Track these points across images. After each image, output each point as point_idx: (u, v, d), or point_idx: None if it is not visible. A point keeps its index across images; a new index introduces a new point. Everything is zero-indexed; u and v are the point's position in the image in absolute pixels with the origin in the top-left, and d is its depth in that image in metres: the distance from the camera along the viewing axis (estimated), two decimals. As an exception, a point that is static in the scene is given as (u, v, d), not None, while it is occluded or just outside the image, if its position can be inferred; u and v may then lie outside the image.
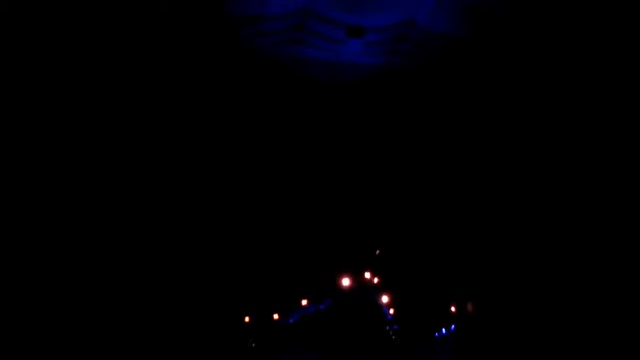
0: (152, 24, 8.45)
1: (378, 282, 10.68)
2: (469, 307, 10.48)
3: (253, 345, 10.66)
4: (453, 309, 10.76)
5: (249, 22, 8.71)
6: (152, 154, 9.48)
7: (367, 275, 10.65)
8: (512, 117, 9.35)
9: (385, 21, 9.00)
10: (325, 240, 10.48)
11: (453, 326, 10.81)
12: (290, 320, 10.76)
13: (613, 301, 8.48)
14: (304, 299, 10.66)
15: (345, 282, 10.50)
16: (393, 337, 11.12)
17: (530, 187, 9.50)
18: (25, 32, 7.84)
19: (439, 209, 10.23)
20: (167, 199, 9.91)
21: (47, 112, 8.66)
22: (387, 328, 11.07)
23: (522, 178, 9.62)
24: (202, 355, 10.13)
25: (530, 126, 9.19)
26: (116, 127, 9.05)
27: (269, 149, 10.29)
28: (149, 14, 8.28)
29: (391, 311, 10.73)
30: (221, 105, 9.80)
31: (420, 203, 10.27)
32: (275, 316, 10.67)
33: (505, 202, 9.90)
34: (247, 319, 10.62)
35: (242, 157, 10.24)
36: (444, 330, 10.96)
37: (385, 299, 10.63)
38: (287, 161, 10.31)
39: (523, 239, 9.79)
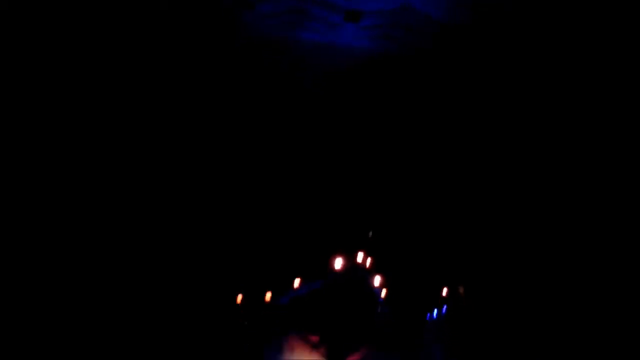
0: (151, 11, 8.51)
1: (370, 264, 10.76)
2: (461, 290, 10.63)
3: (245, 324, 10.73)
4: (445, 291, 10.90)
5: (247, 4, 8.79)
6: (150, 138, 9.54)
7: (360, 256, 10.73)
8: (507, 106, 9.48)
9: (383, 6, 9.10)
10: (318, 222, 10.56)
11: (445, 308, 10.95)
12: (283, 301, 10.84)
13: (607, 287, 8.70)
14: (297, 279, 10.74)
15: (338, 263, 10.58)
16: (385, 318, 11.24)
17: (524, 173, 9.65)
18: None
19: (432, 192, 10.35)
20: (161, 178, 9.96)
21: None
22: (379, 310, 11.18)
23: (515, 165, 9.76)
24: (194, 335, 10.21)
25: (525, 117, 9.33)
26: (115, 118, 9.13)
27: (263, 134, 10.37)
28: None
29: (383, 293, 10.83)
30: (219, 90, 9.86)
31: (413, 186, 10.38)
32: (268, 296, 10.73)
33: (498, 187, 10.03)
34: (239, 298, 10.68)
35: (234, 145, 10.30)
36: (435, 312, 11.09)
37: (377, 280, 10.73)
38: (281, 146, 10.39)
39: (516, 224, 9.94)
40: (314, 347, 10.90)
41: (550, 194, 9.26)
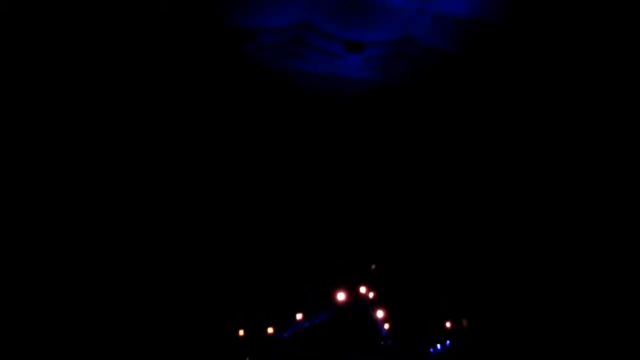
0: (153, 37, 8.52)
1: (373, 297, 10.64)
2: (464, 323, 10.47)
3: (247, 358, 10.59)
4: (448, 324, 10.74)
5: (249, 35, 8.78)
6: (150, 165, 9.49)
7: (363, 289, 10.62)
8: (507, 133, 9.41)
9: (383, 37, 9.09)
10: (320, 255, 10.46)
11: (448, 342, 10.78)
12: (285, 335, 10.70)
13: (610, 311, 8.51)
14: (299, 313, 10.61)
15: (341, 296, 10.46)
16: (388, 352, 11.08)
17: (523, 206, 9.54)
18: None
19: (435, 225, 10.25)
20: (161, 217, 9.89)
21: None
22: (382, 343, 11.03)
23: (515, 196, 9.66)
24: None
25: (525, 144, 9.25)
26: (115, 135, 9.09)
27: (265, 162, 10.32)
28: (149, 27, 8.36)
29: (386, 326, 10.69)
30: (220, 118, 9.84)
31: (416, 219, 10.29)
32: (270, 330, 10.60)
33: (498, 219, 9.93)
34: (241, 332, 10.55)
35: (239, 171, 10.26)
36: (438, 346, 10.92)
37: (380, 313, 10.59)
38: (284, 175, 10.33)
39: (516, 256, 9.81)
40: None
41: (552, 228, 9.15)
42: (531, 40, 8.40)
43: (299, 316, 10.55)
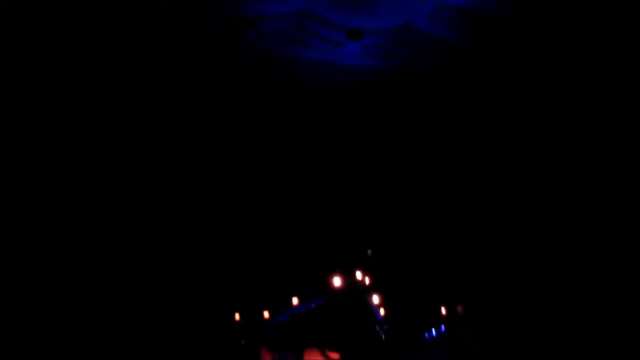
0: (151, 25, 8.48)
1: (369, 283, 10.74)
2: (459, 308, 10.62)
3: (243, 342, 10.67)
4: (443, 310, 10.88)
5: (252, 22, 8.78)
6: (149, 154, 9.50)
7: (359, 275, 10.71)
8: (508, 124, 9.52)
9: (384, 25, 9.12)
10: (316, 240, 10.54)
11: (443, 327, 10.93)
12: (281, 319, 10.78)
13: (609, 303, 8.72)
14: (295, 297, 10.69)
15: (337, 281, 10.54)
16: (383, 337, 11.20)
17: (523, 191, 9.69)
18: (24, 32, 7.87)
19: (432, 210, 10.36)
20: (160, 198, 9.90)
21: (43, 113, 8.67)
22: (378, 328, 11.14)
23: (514, 182, 9.80)
24: (192, 353, 10.14)
25: (526, 134, 9.37)
26: (114, 129, 9.08)
27: (263, 150, 10.34)
28: (148, 15, 8.32)
29: (382, 311, 10.80)
30: (219, 106, 9.83)
31: (413, 204, 10.38)
32: (266, 314, 10.68)
33: (497, 205, 10.06)
34: (237, 316, 10.62)
35: (236, 158, 10.27)
36: (434, 331, 11.06)
37: (376, 299, 10.70)
38: (281, 162, 10.36)
39: (515, 240, 9.97)
40: None
41: (551, 216, 9.30)
42: (533, 32, 8.48)
43: (294, 301, 10.63)
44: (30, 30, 7.82)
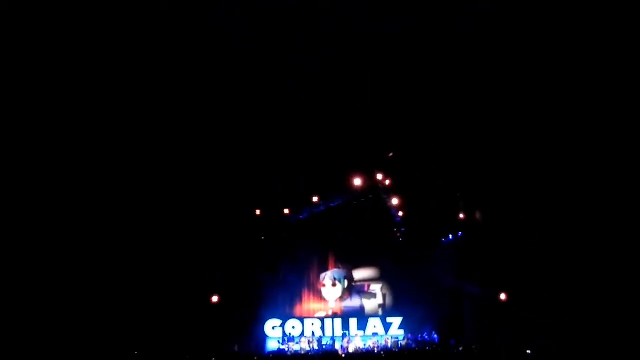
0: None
1: (389, 184, 10.76)
2: (477, 215, 10.65)
3: (262, 238, 10.90)
4: (461, 215, 10.91)
5: None
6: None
7: (379, 176, 10.71)
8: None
9: None
10: (339, 140, 10.46)
11: (460, 233, 10.99)
12: (301, 216, 10.94)
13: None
14: (315, 195, 10.78)
15: (357, 181, 10.58)
16: (400, 239, 11.34)
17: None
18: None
19: (454, 116, 10.16)
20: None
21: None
22: (395, 230, 11.26)
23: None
24: (214, 243, 10.38)
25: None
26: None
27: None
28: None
29: (400, 214, 10.88)
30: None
31: (435, 110, 10.18)
32: (286, 211, 10.84)
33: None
34: (258, 212, 10.80)
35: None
36: (450, 236, 11.14)
37: (395, 201, 10.75)
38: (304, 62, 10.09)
39: (530, 151, 9.85)
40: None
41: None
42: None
43: (315, 199, 10.73)
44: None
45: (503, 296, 10.20)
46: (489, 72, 9.61)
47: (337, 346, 10.63)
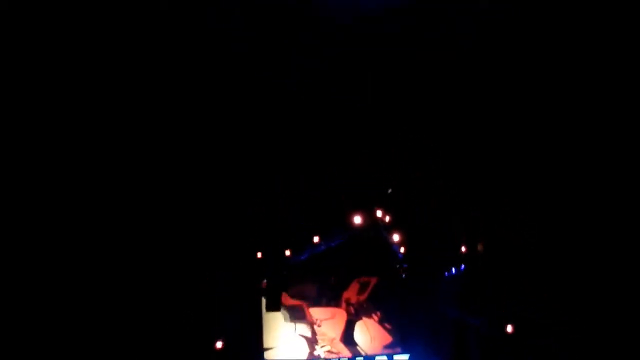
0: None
1: (389, 221, 10.75)
2: (479, 247, 10.63)
3: (264, 280, 10.84)
4: (463, 249, 10.88)
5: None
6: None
7: (379, 213, 10.71)
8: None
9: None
10: (337, 178, 10.48)
11: (463, 266, 10.96)
12: (302, 257, 10.90)
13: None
14: (316, 236, 10.76)
15: (357, 219, 10.56)
16: (403, 275, 11.30)
17: (539, 143, 9.55)
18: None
19: (452, 150, 10.22)
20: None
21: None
22: (398, 267, 11.23)
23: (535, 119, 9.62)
24: (214, 287, 10.34)
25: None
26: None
27: (281, 93, 10.10)
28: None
29: (402, 250, 10.86)
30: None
31: (433, 143, 10.24)
32: (287, 252, 10.79)
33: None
34: (259, 254, 10.76)
35: (252, 104, 10.05)
36: (453, 270, 11.11)
37: (396, 237, 10.73)
38: (300, 102, 10.15)
39: (533, 185, 9.88)
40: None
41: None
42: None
43: (315, 239, 10.70)
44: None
45: (510, 328, 10.11)
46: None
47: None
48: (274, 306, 10.68)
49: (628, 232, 9.02)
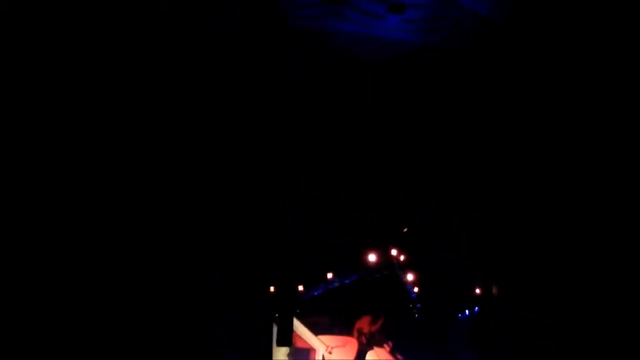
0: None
1: (404, 260, 10.69)
2: (494, 290, 10.51)
3: (277, 315, 10.77)
4: (477, 291, 10.78)
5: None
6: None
7: (394, 252, 10.66)
8: (550, 101, 9.21)
9: (425, -1, 8.83)
10: (352, 215, 10.45)
11: (477, 308, 10.85)
12: (315, 293, 10.85)
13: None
14: (330, 272, 10.72)
15: (372, 257, 10.52)
16: (416, 315, 11.20)
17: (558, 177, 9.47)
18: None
19: (467, 189, 10.17)
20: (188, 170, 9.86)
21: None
22: (411, 306, 11.14)
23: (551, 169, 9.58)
24: (228, 323, 10.27)
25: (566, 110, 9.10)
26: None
27: (301, 119, 10.17)
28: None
29: (415, 289, 10.77)
30: (255, 75, 9.66)
31: (450, 183, 10.20)
32: (300, 288, 10.75)
33: (531, 186, 9.85)
34: (272, 289, 10.71)
35: (266, 130, 10.09)
36: (467, 311, 11.00)
37: (410, 277, 10.66)
38: (318, 133, 10.21)
39: (548, 222, 9.78)
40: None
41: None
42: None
43: (329, 275, 10.67)
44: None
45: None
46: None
47: None
48: (284, 341, 10.60)
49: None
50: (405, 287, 10.79)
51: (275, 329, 10.72)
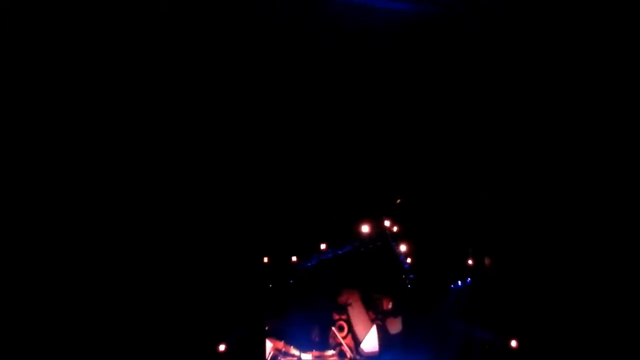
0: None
1: (397, 231, 10.71)
2: (486, 261, 10.57)
3: (270, 286, 10.82)
4: (470, 262, 10.83)
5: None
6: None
7: (387, 223, 10.67)
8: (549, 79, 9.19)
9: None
10: (346, 186, 10.46)
11: (469, 279, 10.91)
12: (308, 264, 10.89)
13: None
14: (323, 243, 10.74)
15: (365, 228, 10.54)
16: (409, 286, 11.25)
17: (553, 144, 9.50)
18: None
19: (462, 161, 10.17)
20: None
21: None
22: (404, 277, 11.19)
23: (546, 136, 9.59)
24: (220, 292, 10.30)
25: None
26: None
27: (296, 91, 10.09)
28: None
29: (408, 260, 10.82)
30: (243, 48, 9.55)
31: (444, 154, 10.20)
32: (294, 259, 10.78)
33: (528, 155, 9.87)
34: (265, 259, 10.74)
35: (259, 106, 10.02)
36: (459, 282, 11.06)
37: (403, 248, 10.69)
38: (311, 107, 10.14)
39: (543, 196, 9.82)
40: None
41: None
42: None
43: (322, 246, 10.69)
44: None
45: (514, 343, 10.03)
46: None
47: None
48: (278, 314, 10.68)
49: (628, 232, 8.95)
50: (399, 258, 10.83)
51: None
